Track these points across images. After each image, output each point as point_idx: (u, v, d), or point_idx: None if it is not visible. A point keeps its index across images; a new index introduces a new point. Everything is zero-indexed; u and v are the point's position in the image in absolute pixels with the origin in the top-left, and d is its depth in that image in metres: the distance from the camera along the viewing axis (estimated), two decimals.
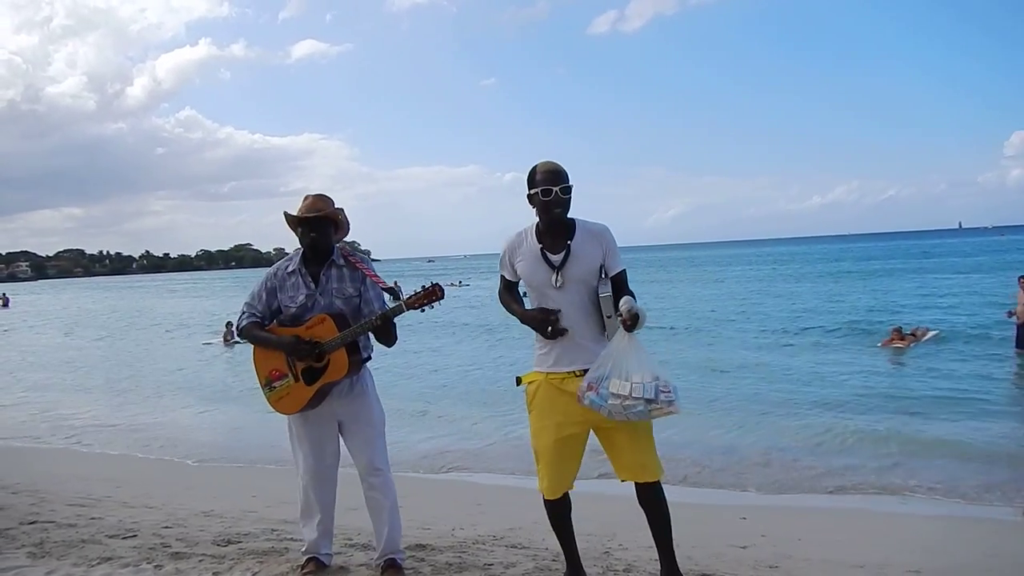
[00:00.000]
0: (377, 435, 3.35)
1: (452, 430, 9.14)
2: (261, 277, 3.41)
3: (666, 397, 2.76)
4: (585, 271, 2.94)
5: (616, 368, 2.78)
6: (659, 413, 2.79)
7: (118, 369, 16.95)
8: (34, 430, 10.17)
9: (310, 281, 3.28)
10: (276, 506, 5.13)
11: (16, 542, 4.01)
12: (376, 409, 3.37)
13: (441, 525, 4.69)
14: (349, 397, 3.30)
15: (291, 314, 3.28)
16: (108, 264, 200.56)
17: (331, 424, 3.33)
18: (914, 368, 12.53)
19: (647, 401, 2.74)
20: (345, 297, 3.27)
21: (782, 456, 7.31)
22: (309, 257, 3.32)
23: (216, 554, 3.75)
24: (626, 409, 2.76)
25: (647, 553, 4.13)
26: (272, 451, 7.47)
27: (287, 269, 3.34)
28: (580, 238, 2.98)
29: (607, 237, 3.00)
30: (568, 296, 2.94)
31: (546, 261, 2.96)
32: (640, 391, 2.74)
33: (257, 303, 3.35)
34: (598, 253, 2.97)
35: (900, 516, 5.69)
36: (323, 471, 3.35)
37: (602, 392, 2.79)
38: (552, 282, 2.94)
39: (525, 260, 3.02)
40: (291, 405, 3.28)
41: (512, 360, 14.50)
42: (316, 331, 3.19)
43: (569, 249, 2.95)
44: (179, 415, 11.03)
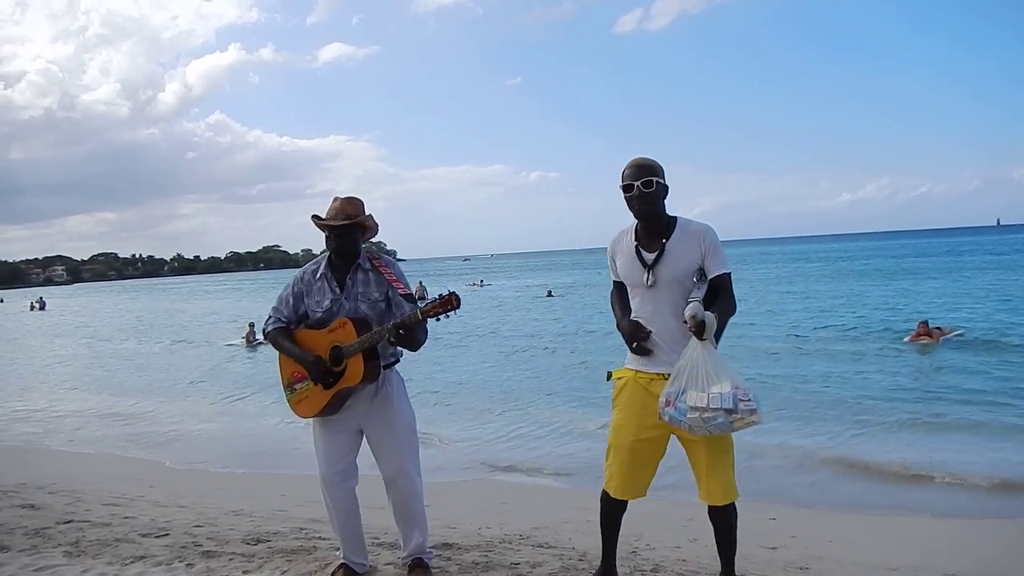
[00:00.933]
0: (402, 441, 3.29)
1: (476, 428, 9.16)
2: (288, 282, 3.40)
3: (746, 406, 2.66)
4: (679, 271, 2.85)
5: (692, 379, 2.70)
6: (741, 424, 2.69)
7: (148, 371, 17.21)
8: (66, 431, 10.38)
9: (336, 286, 3.26)
10: (305, 505, 5.18)
11: (53, 541, 4.10)
12: (401, 414, 3.31)
13: (467, 524, 4.70)
14: (373, 403, 3.26)
15: (318, 318, 3.27)
16: (140, 267, 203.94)
17: (351, 430, 3.30)
18: (943, 365, 12.28)
19: (727, 412, 2.65)
20: (371, 301, 3.24)
21: (811, 455, 7.22)
22: (335, 261, 3.31)
23: (246, 553, 3.80)
24: (706, 422, 2.67)
25: (674, 553, 4.12)
26: (291, 455, 7.54)
27: (314, 273, 3.33)
28: (677, 237, 2.89)
29: (708, 237, 2.87)
30: (660, 296, 2.87)
31: (640, 259, 2.91)
32: (719, 401, 2.64)
33: (284, 308, 3.35)
34: (696, 254, 2.85)
35: (935, 517, 5.57)
36: (338, 480, 3.30)
37: (680, 406, 2.71)
38: (644, 281, 2.88)
39: (622, 258, 2.97)
40: (309, 409, 3.27)
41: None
42: (338, 335, 3.18)
43: (664, 248, 2.88)
44: (202, 416, 11.16)
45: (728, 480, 2.89)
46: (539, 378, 13.11)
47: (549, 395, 11.28)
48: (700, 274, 2.85)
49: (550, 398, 11.04)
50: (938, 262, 49.80)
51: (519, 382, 12.82)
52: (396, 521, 3.37)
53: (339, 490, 3.32)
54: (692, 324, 2.68)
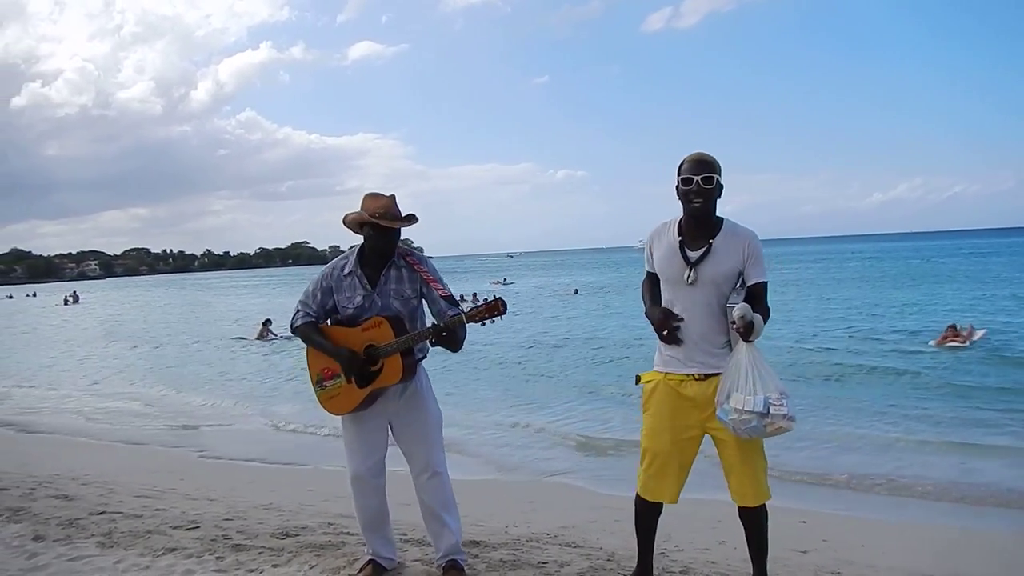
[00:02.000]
0: (431, 436, 3.30)
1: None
2: (316, 276, 3.37)
3: (777, 410, 2.65)
4: (721, 273, 2.83)
5: (736, 381, 2.70)
6: (772, 428, 2.68)
7: (176, 364, 17.45)
8: (98, 423, 10.56)
9: (367, 283, 3.23)
10: (333, 500, 5.20)
11: (86, 532, 4.16)
12: (431, 409, 3.32)
13: (495, 522, 4.69)
14: (402, 398, 3.26)
15: (348, 315, 3.25)
16: (171, 262, 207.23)
17: (381, 426, 3.30)
18: (974, 369, 11.99)
19: (759, 415, 2.65)
20: (403, 298, 3.22)
21: (846, 461, 7.10)
22: (368, 258, 3.26)
23: (275, 547, 3.82)
24: (744, 423, 2.68)
25: (703, 555, 4.07)
26: (318, 449, 7.59)
27: (343, 270, 3.28)
28: (723, 238, 2.86)
29: (753, 244, 2.85)
30: (699, 295, 2.85)
31: (683, 255, 2.87)
32: (751, 404, 2.65)
33: (312, 302, 3.32)
34: (739, 258, 2.84)
35: (974, 527, 5.42)
36: (368, 476, 3.30)
37: (725, 407, 2.72)
38: (685, 278, 2.85)
39: (662, 251, 2.93)
40: (341, 406, 3.25)
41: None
42: (372, 334, 3.15)
43: (710, 247, 2.84)
44: (229, 410, 11.29)
45: (760, 481, 2.86)
46: (563, 376, 13.07)
47: (573, 393, 11.24)
48: (739, 279, 2.84)
49: (574, 397, 11.00)
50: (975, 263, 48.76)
51: (545, 379, 12.79)
52: (426, 520, 3.35)
53: (370, 486, 3.31)
54: (741, 324, 2.67)
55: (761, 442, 2.85)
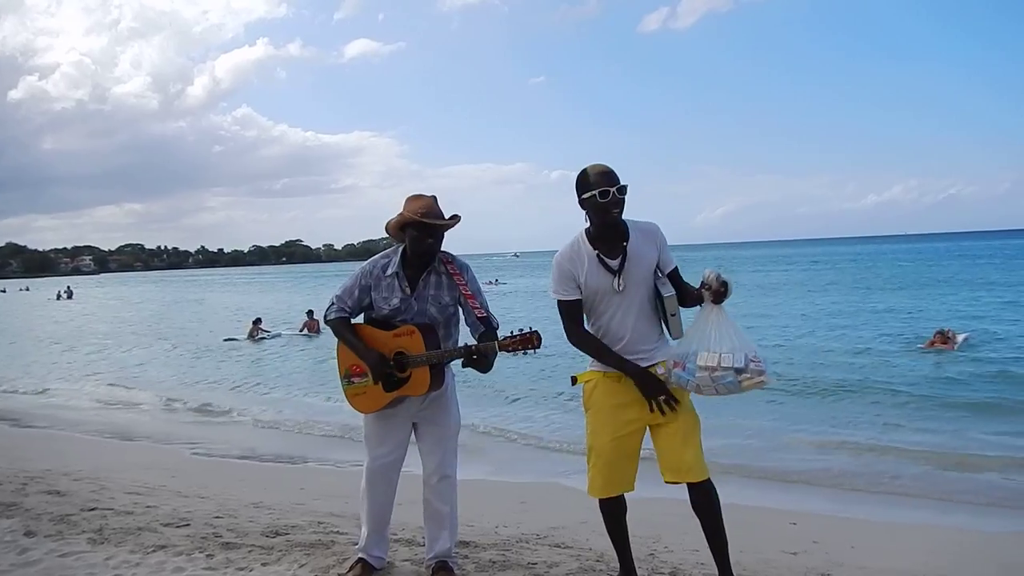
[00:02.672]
0: (450, 439, 3.30)
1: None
2: (355, 272, 3.32)
3: (756, 366, 2.71)
4: (645, 272, 2.92)
5: (704, 342, 2.75)
6: (749, 383, 2.73)
7: (169, 362, 17.41)
8: (92, 419, 10.54)
9: (406, 285, 3.19)
10: (324, 499, 5.21)
11: (77, 527, 4.16)
12: (453, 413, 3.32)
13: (484, 522, 4.69)
14: (427, 400, 3.25)
15: (383, 315, 3.22)
16: (166, 259, 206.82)
17: (405, 425, 3.29)
18: (963, 372, 11.98)
19: (736, 371, 2.71)
20: (440, 305, 3.20)
21: (834, 462, 7.13)
22: (410, 260, 3.20)
23: (265, 545, 3.82)
24: (715, 381, 2.72)
25: (692, 556, 4.08)
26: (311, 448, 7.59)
27: (383, 268, 3.23)
28: (635, 239, 2.93)
29: (660, 235, 2.97)
30: (630, 299, 2.91)
31: (604, 266, 2.90)
32: (730, 360, 2.71)
33: (348, 298, 3.27)
34: (653, 252, 2.94)
35: (967, 528, 5.42)
36: (384, 470, 3.30)
37: (689, 367, 2.76)
38: (615, 287, 2.89)
39: (587, 270, 2.92)
40: (367, 405, 3.24)
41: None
42: (403, 341, 3.13)
43: (626, 251, 2.90)
44: (221, 408, 11.28)
45: (700, 457, 2.88)
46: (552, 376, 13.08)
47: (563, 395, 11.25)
48: (658, 271, 2.94)
49: (564, 398, 11.00)
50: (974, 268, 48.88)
51: (533, 380, 12.80)
52: (426, 521, 3.35)
53: (384, 481, 3.31)
54: (718, 284, 2.74)
55: (698, 419, 2.92)
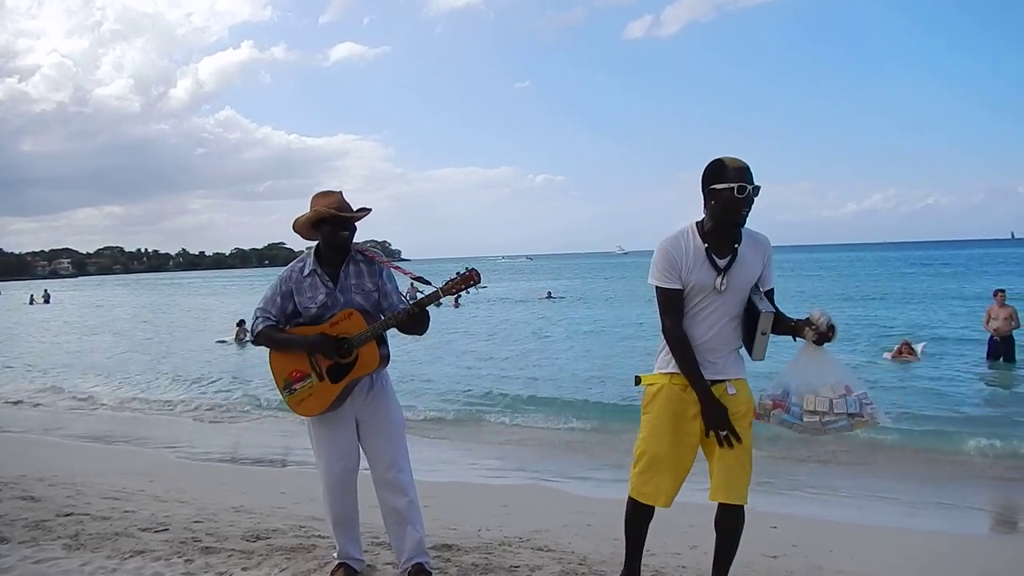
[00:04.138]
0: (398, 434, 3.30)
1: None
2: (273, 281, 3.33)
3: (871, 410, 2.70)
4: (747, 279, 2.86)
5: (808, 383, 2.72)
6: (861, 425, 2.73)
7: (146, 364, 17.22)
8: (68, 423, 10.40)
9: (328, 280, 3.23)
10: (304, 503, 5.16)
11: (52, 533, 4.09)
12: (395, 409, 3.33)
13: (467, 526, 4.67)
14: (369, 395, 3.25)
15: (311, 315, 3.23)
16: (146, 261, 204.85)
17: (349, 424, 3.27)
18: (935, 381, 12.07)
19: (850, 416, 2.70)
20: (364, 292, 3.23)
21: (813, 466, 7.19)
22: (326, 257, 3.26)
23: (245, 549, 3.79)
24: (825, 425, 2.71)
25: (674, 559, 4.09)
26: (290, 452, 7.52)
27: (302, 271, 3.27)
28: (746, 244, 2.86)
29: (769, 249, 2.92)
30: (726, 302, 2.85)
31: (712, 263, 2.84)
32: (843, 406, 2.69)
33: (271, 307, 3.28)
34: (759, 264, 2.88)
35: (941, 533, 5.49)
36: (343, 474, 3.28)
37: (794, 411, 2.73)
38: (717, 285, 2.82)
39: (690, 261, 2.85)
40: (316, 406, 3.21)
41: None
42: (343, 326, 3.14)
43: (736, 253, 2.85)
44: (200, 411, 11.17)
45: (747, 483, 2.85)
46: (540, 380, 13.09)
47: (547, 399, 11.26)
48: (756, 285, 2.88)
49: (548, 403, 11.01)
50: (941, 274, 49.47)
51: (516, 385, 12.80)
52: (388, 523, 3.31)
53: (345, 486, 3.29)
54: (826, 327, 2.71)
55: (751, 445, 2.86)
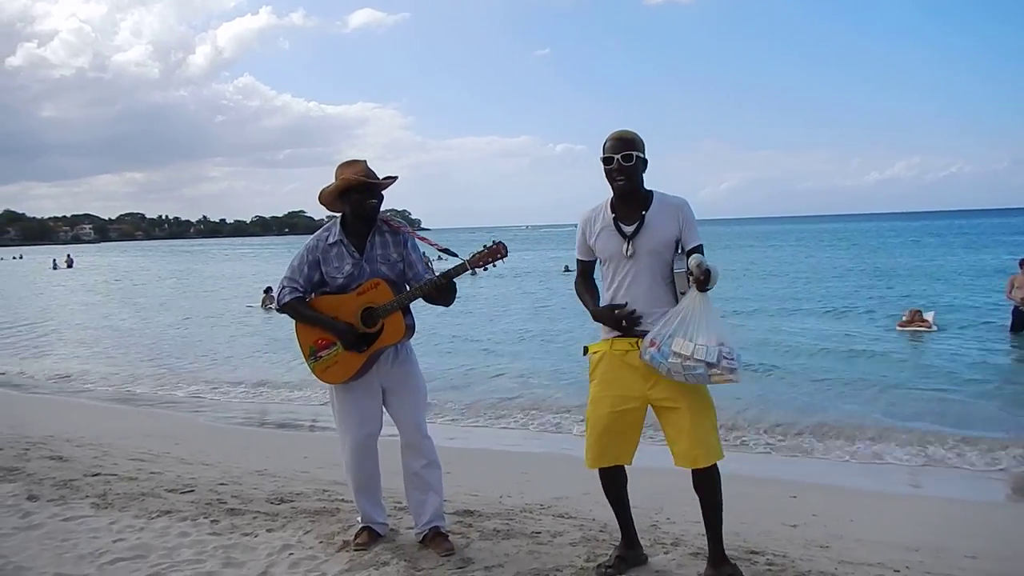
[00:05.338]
0: (420, 402, 3.35)
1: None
2: (299, 251, 3.34)
3: (728, 364, 2.71)
4: (658, 243, 2.90)
5: (683, 326, 2.74)
6: (719, 379, 2.74)
7: (173, 332, 17.44)
8: (95, 386, 10.59)
9: (354, 250, 3.24)
10: (327, 467, 5.23)
11: (80, 493, 4.18)
12: (419, 377, 3.36)
13: (488, 492, 4.71)
14: (395, 363, 3.28)
15: (338, 285, 3.25)
16: (167, 228, 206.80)
17: (375, 392, 3.30)
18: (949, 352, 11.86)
19: (708, 365, 2.70)
20: (390, 263, 3.25)
21: (834, 434, 7.16)
22: (352, 226, 3.27)
23: (270, 512, 3.84)
24: (685, 370, 2.72)
25: (695, 527, 4.09)
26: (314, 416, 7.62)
27: (327, 240, 3.28)
28: (656, 209, 2.93)
29: (685, 211, 2.94)
30: (639, 267, 2.91)
31: (618, 231, 2.94)
32: (703, 353, 2.70)
33: (299, 277, 3.29)
34: (674, 226, 2.92)
35: (958, 500, 5.52)
36: (366, 441, 3.31)
37: (664, 349, 2.75)
38: (624, 252, 2.91)
39: (599, 231, 2.99)
40: (341, 373, 3.24)
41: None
42: (370, 296, 3.17)
43: (643, 219, 2.91)
44: (226, 375, 11.31)
45: (710, 441, 2.86)
46: (552, 352, 13.12)
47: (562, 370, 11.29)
48: (677, 247, 2.92)
49: (566, 371, 11.04)
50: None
51: (537, 353, 12.83)
52: (408, 490, 3.35)
53: (367, 452, 3.33)
54: (699, 272, 2.73)
55: (710, 400, 2.90)
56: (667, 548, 3.39)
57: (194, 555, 3.28)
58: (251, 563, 3.19)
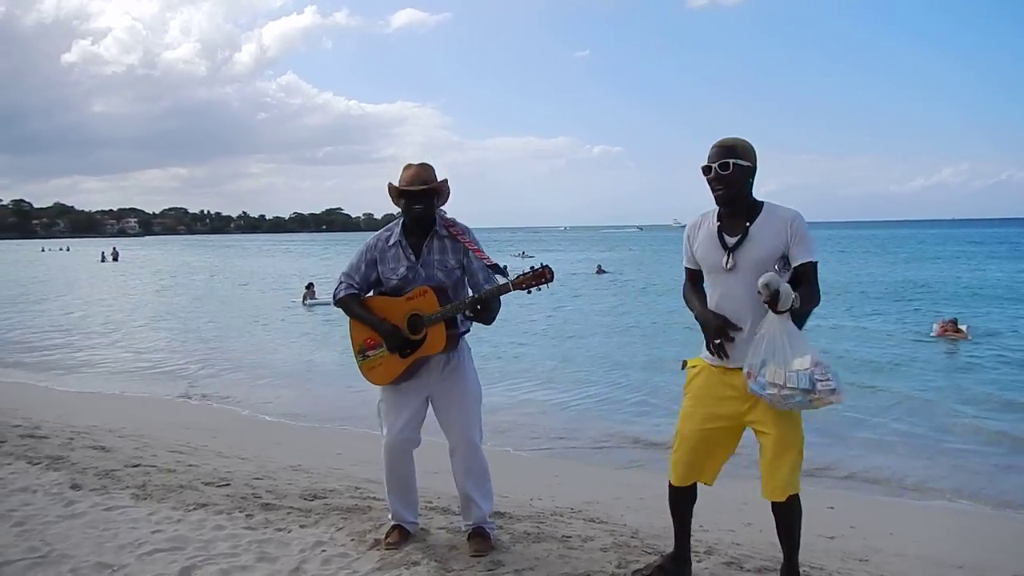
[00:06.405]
0: (471, 409, 3.29)
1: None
2: (360, 248, 3.37)
3: (824, 386, 2.56)
4: (761, 257, 2.72)
5: (771, 352, 2.62)
6: (820, 403, 2.61)
7: (217, 324, 17.75)
8: (137, 378, 10.82)
9: (411, 253, 3.24)
10: (360, 465, 5.27)
11: (121, 483, 4.27)
12: (471, 383, 3.31)
13: (519, 494, 4.70)
14: (444, 372, 3.26)
15: (392, 286, 3.26)
16: (208, 223, 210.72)
17: (420, 398, 3.30)
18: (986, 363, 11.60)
19: (804, 391, 2.57)
20: (447, 269, 3.23)
21: (879, 449, 7.00)
22: (410, 228, 3.27)
23: (303, 508, 3.88)
24: (785, 399, 2.61)
25: (728, 536, 4.06)
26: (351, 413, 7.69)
27: (387, 240, 3.30)
28: (762, 221, 2.77)
29: (796, 223, 2.73)
30: (740, 281, 2.75)
31: (721, 242, 2.80)
32: (795, 380, 2.56)
33: (355, 274, 3.32)
34: (781, 240, 2.73)
35: (1003, 515, 5.34)
36: (402, 444, 3.31)
37: (760, 380, 2.64)
38: (723, 264, 2.77)
39: (701, 240, 2.86)
40: (383, 376, 3.26)
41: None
42: (417, 303, 3.16)
43: (747, 231, 2.76)
44: (263, 370, 11.47)
45: (788, 477, 2.75)
46: (595, 362, 13.07)
47: (605, 375, 11.23)
48: (784, 262, 2.74)
49: (606, 378, 10.99)
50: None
51: (571, 362, 12.79)
52: (459, 490, 3.36)
53: (402, 455, 3.33)
54: (766, 294, 2.58)
55: (800, 435, 2.76)
56: (700, 557, 3.33)
57: (229, 548, 3.33)
58: (284, 558, 3.22)
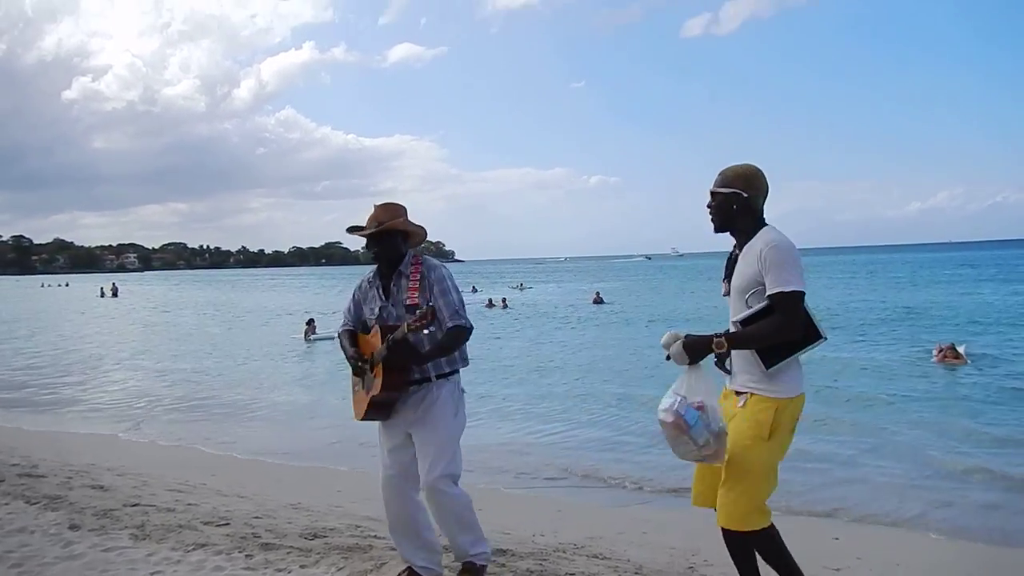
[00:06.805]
0: (439, 452, 3.18)
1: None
2: (352, 288, 3.52)
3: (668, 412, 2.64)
4: (739, 285, 2.71)
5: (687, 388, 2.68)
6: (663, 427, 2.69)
7: (216, 362, 17.69)
8: (136, 417, 10.76)
9: (382, 292, 3.34)
10: (360, 502, 5.22)
11: (120, 523, 4.23)
12: (444, 420, 3.22)
13: (521, 531, 4.66)
14: (420, 408, 3.24)
15: (370, 325, 3.36)
16: (208, 258, 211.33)
17: (402, 434, 3.30)
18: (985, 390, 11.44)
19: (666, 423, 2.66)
20: (409, 308, 3.24)
21: (886, 479, 6.94)
22: (381, 268, 3.37)
23: (303, 547, 3.84)
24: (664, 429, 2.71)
25: (732, 570, 3.98)
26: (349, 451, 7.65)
27: (369, 281, 3.42)
28: (747, 249, 2.72)
29: (765, 253, 2.61)
30: (731, 308, 2.78)
31: (727, 268, 2.84)
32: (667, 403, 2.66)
33: (348, 314, 3.49)
34: (753, 269, 2.65)
35: (1013, 546, 5.26)
36: (392, 481, 3.30)
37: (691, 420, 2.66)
38: (723, 291, 2.84)
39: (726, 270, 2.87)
40: (357, 410, 3.37)
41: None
42: (374, 341, 3.25)
43: (735, 260, 2.78)
44: (263, 407, 11.41)
45: (734, 505, 2.68)
46: (593, 390, 13.02)
47: (604, 404, 11.18)
48: (764, 289, 2.67)
49: (607, 407, 10.94)
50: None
51: (566, 392, 12.74)
52: (437, 522, 3.32)
53: (394, 492, 3.31)
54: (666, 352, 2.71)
55: (757, 468, 2.66)
56: None
57: None
58: None
